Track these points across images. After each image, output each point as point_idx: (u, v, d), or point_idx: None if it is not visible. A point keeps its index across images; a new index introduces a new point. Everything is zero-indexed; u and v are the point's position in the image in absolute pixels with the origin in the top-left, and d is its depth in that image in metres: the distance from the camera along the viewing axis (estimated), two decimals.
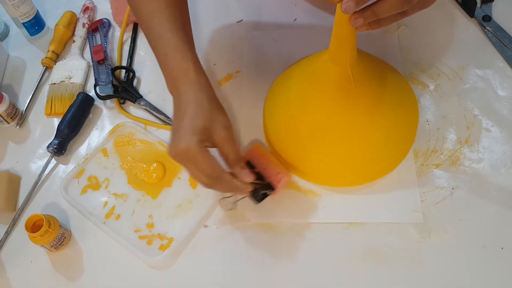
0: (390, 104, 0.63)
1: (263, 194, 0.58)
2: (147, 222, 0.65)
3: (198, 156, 0.52)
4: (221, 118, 0.55)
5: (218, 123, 0.55)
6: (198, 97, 0.55)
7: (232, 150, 0.55)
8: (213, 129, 0.54)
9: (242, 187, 0.57)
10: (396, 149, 0.64)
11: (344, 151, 0.62)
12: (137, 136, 0.72)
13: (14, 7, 0.82)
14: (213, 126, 0.54)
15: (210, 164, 0.53)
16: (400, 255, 0.58)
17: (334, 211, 0.62)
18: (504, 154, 0.64)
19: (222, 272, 0.60)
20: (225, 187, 0.56)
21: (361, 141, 0.62)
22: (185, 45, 0.57)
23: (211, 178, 0.54)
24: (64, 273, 0.63)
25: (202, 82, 0.56)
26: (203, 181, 0.55)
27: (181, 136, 0.52)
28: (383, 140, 0.62)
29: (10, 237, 0.67)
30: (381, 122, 0.62)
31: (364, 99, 0.60)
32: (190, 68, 0.56)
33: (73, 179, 0.70)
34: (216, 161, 0.54)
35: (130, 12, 0.84)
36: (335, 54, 0.57)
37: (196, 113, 0.54)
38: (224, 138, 0.55)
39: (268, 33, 0.80)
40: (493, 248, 0.57)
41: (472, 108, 0.68)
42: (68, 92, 0.78)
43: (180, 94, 0.56)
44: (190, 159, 0.53)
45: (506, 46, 0.72)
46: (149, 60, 0.82)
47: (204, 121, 0.53)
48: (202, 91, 0.55)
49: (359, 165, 0.63)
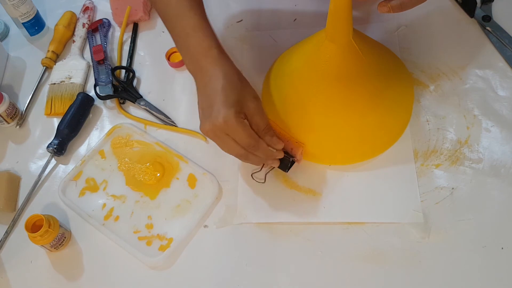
0: (387, 81, 0.64)
1: (292, 161, 0.62)
2: (146, 223, 0.65)
3: (238, 127, 0.55)
4: (250, 90, 0.59)
5: (248, 95, 0.58)
6: (226, 72, 0.57)
7: (262, 120, 0.58)
8: (244, 101, 0.57)
9: (276, 153, 0.61)
10: (393, 127, 0.65)
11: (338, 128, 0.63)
12: (135, 137, 0.72)
13: (14, 7, 0.81)
14: (244, 98, 0.57)
15: (249, 133, 0.56)
16: (400, 255, 0.58)
17: (334, 211, 0.62)
18: (504, 154, 0.63)
19: (222, 272, 0.60)
20: (262, 154, 0.59)
21: (356, 118, 0.63)
22: (204, 23, 0.60)
23: (249, 146, 0.57)
24: (64, 273, 0.63)
25: (225, 58, 0.59)
26: (239, 152, 0.58)
27: (218, 110, 0.54)
28: (380, 117, 0.63)
29: (10, 237, 0.67)
30: (377, 98, 0.63)
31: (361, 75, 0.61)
32: (213, 46, 0.58)
33: (71, 182, 0.70)
34: (252, 131, 0.57)
35: (130, 12, 0.84)
36: (332, 32, 0.58)
37: (228, 87, 0.56)
38: (254, 109, 0.57)
39: (268, 33, 0.80)
40: (493, 248, 0.57)
41: (472, 108, 0.68)
42: (68, 92, 0.78)
43: (204, 71, 0.58)
44: (229, 131, 0.55)
45: (506, 46, 0.72)
46: (149, 60, 0.82)
47: (236, 94, 0.56)
48: (228, 66, 0.58)
49: (355, 142, 0.64)
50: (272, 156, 0.61)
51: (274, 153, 0.61)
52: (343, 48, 0.59)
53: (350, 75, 0.61)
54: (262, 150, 0.58)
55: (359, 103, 0.63)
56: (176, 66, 0.79)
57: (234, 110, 0.54)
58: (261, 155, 0.59)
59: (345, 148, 0.65)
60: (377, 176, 0.64)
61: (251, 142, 0.56)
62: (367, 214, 0.61)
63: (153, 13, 0.87)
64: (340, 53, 0.60)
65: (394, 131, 0.65)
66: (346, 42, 0.59)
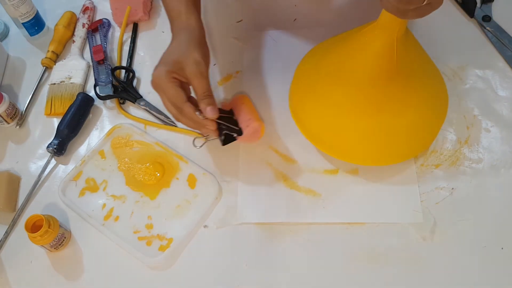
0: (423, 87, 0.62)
1: (227, 135, 0.63)
2: (146, 223, 0.65)
3: (165, 84, 0.59)
4: (195, 55, 0.60)
5: (191, 59, 0.60)
6: (180, 36, 0.62)
7: (200, 84, 0.59)
8: (185, 64, 0.59)
9: (205, 122, 0.60)
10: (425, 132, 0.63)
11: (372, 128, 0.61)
12: (134, 137, 0.72)
13: (14, 7, 0.81)
14: (185, 60, 0.60)
15: (174, 93, 0.59)
16: (400, 255, 0.58)
17: (334, 211, 0.62)
18: (504, 154, 0.63)
19: (222, 272, 0.60)
20: (186, 119, 0.61)
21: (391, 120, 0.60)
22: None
23: (175, 107, 0.60)
24: (64, 273, 0.63)
25: (191, 23, 0.63)
26: (170, 110, 0.61)
27: (157, 66, 0.61)
28: (415, 120, 0.61)
29: (10, 237, 0.67)
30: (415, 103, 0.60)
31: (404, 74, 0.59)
32: (182, 11, 0.63)
33: (70, 182, 0.70)
34: (182, 92, 0.59)
35: (129, 12, 0.84)
36: (384, 23, 0.56)
37: (173, 48, 0.62)
38: (193, 73, 0.59)
39: (268, 33, 0.80)
40: (493, 248, 0.57)
41: (472, 108, 0.68)
42: (68, 92, 0.78)
43: (173, 34, 0.64)
44: (159, 87, 0.60)
45: (506, 46, 0.72)
46: (149, 60, 0.82)
47: (177, 55, 0.60)
48: (186, 31, 0.63)
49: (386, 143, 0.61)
50: (200, 124, 0.60)
51: (202, 121, 0.60)
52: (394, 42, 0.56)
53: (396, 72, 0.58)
54: (185, 114, 0.60)
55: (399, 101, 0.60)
56: None
57: (166, 69, 0.59)
58: (187, 121, 0.61)
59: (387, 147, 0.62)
60: (377, 177, 0.64)
61: (175, 102, 0.59)
62: (367, 215, 0.61)
63: (153, 13, 0.87)
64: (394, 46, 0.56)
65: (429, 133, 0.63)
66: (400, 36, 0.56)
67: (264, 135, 0.68)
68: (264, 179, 0.66)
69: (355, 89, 0.60)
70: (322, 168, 0.66)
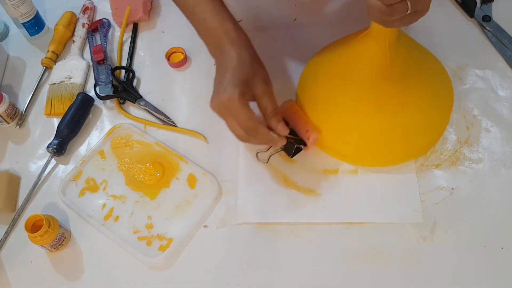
0: (424, 88, 0.63)
1: (297, 148, 0.62)
2: (146, 223, 0.65)
3: (238, 107, 0.55)
4: (261, 72, 0.59)
5: (259, 77, 0.58)
6: (240, 53, 0.58)
7: (270, 103, 0.59)
8: (253, 83, 0.58)
9: (277, 139, 0.60)
10: (426, 134, 0.64)
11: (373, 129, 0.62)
12: (134, 137, 0.72)
13: (14, 7, 0.81)
14: (253, 79, 0.58)
15: (248, 115, 0.56)
16: (400, 255, 0.58)
17: (334, 211, 0.62)
18: (504, 154, 0.63)
19: (222, 272, 0.60)
20: (260, 139, 0.59)
21: (390, 122, 0.61)
22: (222, 8, 0.62)
23: (249, 130, 0.57)
24: (64, 273, 0.63)
25: (243, 40, 0.61)
26: (239, 134, 0.58)
27: (225, 88, 0.56)
28: (414, 125, 0.62)
29: (10, 237, 0.67)
30: (415, 105, 0.62)
31: (399, 79, 0.60)
32: (231, 28, 0.60)
33: (70, 182, 0.70)
34: (254, 114, 0.57)
35: (129, 12, 0.84)
36: (375, 32, 0.57)
37: (238, 67, 0.58)
38: (263, 91, 0.58)
39: (268, 33, 0.80)
40: (493, 248, 0.57)
41: (472, 108, 0.68)
42: (68, 92, 0.78)
43: (223, 52, 0.60)
44: (231, 110, 0.56)
45: (506, 46, 0.72)
46: (149, 60, 0.82)
47: (245, 74, 0.57)
48: (244, 48, 0.60)
49: (384, 145, 0.63)
50: (273, 142, 0.60)
51: (275, 139, 0.60)
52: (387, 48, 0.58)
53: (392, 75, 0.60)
54: (261, 135, 0.58)
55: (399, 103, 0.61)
56: (176, 66, 0.79)
57: (238, 90, 0.55)
58: (259, 141, 0.60)
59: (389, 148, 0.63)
60: (377, 177, 0.64)
61: (250, 125, 0.57)
62: (367, 215, 0.61)
63: (153, 13, 0.87)
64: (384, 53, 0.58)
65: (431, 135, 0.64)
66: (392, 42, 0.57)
67: None
68: (264, 179, 0.66)
69: (354, 91, 0.62)
70: (322, 168, 0.66)
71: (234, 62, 0.58)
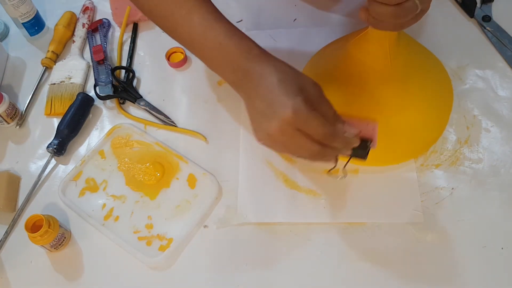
0: (424, 88, 0.63)
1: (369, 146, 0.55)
2: (146, 223, 0.65)
3: (310, 115, 0.48)
4: (307, 78, 0.52)
5: (308, 83, 0.51)
6: (276, 65, 0.51)
7: (328, 107, 0.51)
8: (306, 90, 0.50)
9: (353, 140, 0.52)
10: (425, 135, 0.64)
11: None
12: (134, 137, 0.72)
13: (14, 7, 0.81)
14: (305, 87, 0.50)
15: (323, 121, 0.48)
16: (400, 255, 0.58)
17: (334, 211, 0.62)
18: (504, 154, 0.63)
19: (222, 273, 0.60)
20: (341, 144, 0.51)
21: (390, 121, 0.61)
22: (235, 28, 0.55)
23: (326, 137, 0.49)
24: (64, 273, 0.63)
25: (268, 54, 0.54)
26: (314, 149, 0.50)
27: (284, 104, 0.48)
28: (414, 124, 0.62)
29: (10, 237, 0.67)
30: (414, 104, 0.62)
31: (399, 79, 0.60)
32: (252, 46, 0.54)
33: (70, 182, 0.70)
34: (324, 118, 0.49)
35: (129, 12, 0.84)
36: (375, 32, 0.57)
37: (285, 78, 0.50)
38: (318, 97, 0.51)
39: (268, 33, 0.80)
40: (493, 248, 0.57)
41: (472, 108, 0.68)
42: (68, 92, 0.78)
43: (251, 73, 0.51)
44: (301, 123, 0.48)
45: (506, 46, 0.72)
46: (148, 60, 0.82)
47: (296, 82, 0.50)
48: (276, 60, 0.52)
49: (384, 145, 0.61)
50: (350, 144, 0.53)
51: (351, 140, 0.52)
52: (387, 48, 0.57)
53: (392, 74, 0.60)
54: (341, 139, 0.51)
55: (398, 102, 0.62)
56: (176, 66, 0.79)
57: (301, 98, 0.48)
58: (339, 145, 0.51)
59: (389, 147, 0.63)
60: (377, 177, 0.64)
61: (328, 130, 0.49)
62: (367, 214, 0.61)
63: None
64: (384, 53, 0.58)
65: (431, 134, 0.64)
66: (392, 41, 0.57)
67: None
68: (264, 179, 0.66)
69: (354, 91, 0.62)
70: (323, 168, 0.66)
71: (277, 75, 0.50)
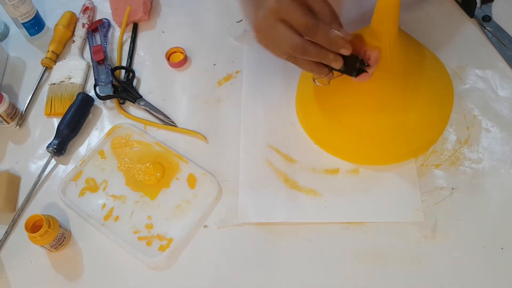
0: (425, 87, 0.63)
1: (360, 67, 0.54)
2: (146, 223, 0.65)
3: (292, 4, 0.48)
4: None
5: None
6: None
7: (325, 5, 0.50)
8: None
9: (341, 43, 0.50)
10: (425, 134, 0.64)
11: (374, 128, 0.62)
12: (134, 137, 0.72)
13: (14, 7, 0.81)
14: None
15: (304, 11, 0.48)
16: (400, 255, 0.58)
17: (334, 211, 0.62)
18: (504, 154, 0.63)
19: (222, 272, 0.60)
20: (323, 40, 0.50)
21: (390, 121, 0.62)
22: None
23: (307, 28, 0.48)
24: (64, 273, 0.63)
25: None
26: (294, 42, 0.50)
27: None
28: (414, 123, 0.62)
29: (10, 237, 0.67)
30: (414, 104, 0.62)
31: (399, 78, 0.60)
32: None
33: (70, 182, 0.70)
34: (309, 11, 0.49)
35: (129, 12, 0.84)
36: (376, 30, 0.56)
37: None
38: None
39: None
40: (493, 248, 0.57)
41: (472, 108, 0.68)
42: (68, 92, 0.78)
43: None
44: (283, 12, 0.48)
45: (506, 46, 0.72)
46: (149, 60, 0.82)
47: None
48: None
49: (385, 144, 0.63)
50: (337, 44, 0.50)
51: (339, 42, 0.50)
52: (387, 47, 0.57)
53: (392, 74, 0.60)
54: (323, 33, 0.49)
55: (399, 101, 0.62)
56: (176, 66, 0.79)
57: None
58: (322, 41, 0.50)
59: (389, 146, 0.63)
60: (377, 176, 0.64)
61: (309, 21, 0.48)
62: (368, 214, 0.61)
63: (153, 13, 0.87)
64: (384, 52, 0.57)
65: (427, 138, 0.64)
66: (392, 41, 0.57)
67: (264, 135, 0.68)
68: (265, 179, 0.66)
69: (355, 90, 0.61)
70: (323, 167, 0.66)
71: None
